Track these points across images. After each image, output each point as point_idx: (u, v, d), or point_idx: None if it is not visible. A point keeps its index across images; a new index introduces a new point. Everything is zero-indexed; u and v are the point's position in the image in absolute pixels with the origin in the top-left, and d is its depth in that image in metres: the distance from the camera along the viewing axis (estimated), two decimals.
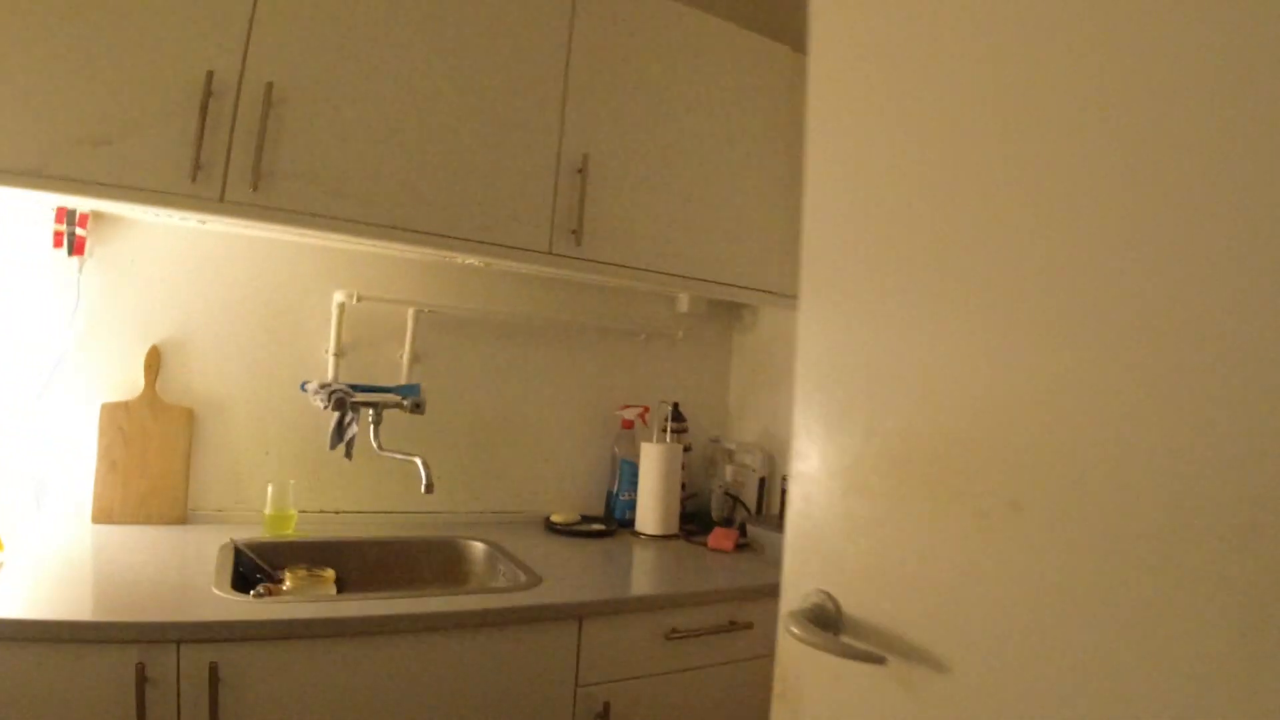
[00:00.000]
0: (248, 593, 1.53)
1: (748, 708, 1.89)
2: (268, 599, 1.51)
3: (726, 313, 2.65)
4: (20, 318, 1.89)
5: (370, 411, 1.95)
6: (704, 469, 2.52)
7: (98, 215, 1.92)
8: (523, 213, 1.93)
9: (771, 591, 1.94)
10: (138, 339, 1.96)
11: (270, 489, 1.93)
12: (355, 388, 1.96)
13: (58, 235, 1.88)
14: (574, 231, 1.96)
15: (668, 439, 2.26)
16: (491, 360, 2.27)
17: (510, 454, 2.30)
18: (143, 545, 1.76)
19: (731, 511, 2.33)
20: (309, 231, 1.77)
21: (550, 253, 1.95)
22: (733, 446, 2.45)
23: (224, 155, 1.69)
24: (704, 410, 2.51)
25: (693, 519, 2.33)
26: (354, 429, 1.95)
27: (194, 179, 1.65)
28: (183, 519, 1.95)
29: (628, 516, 2.29)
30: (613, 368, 2.45)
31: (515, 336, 2.29)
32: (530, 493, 2.33)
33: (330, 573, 1.66)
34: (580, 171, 1.97)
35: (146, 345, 1.96)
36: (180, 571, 1.60)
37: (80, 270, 1.91)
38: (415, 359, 2.14)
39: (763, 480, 2.33)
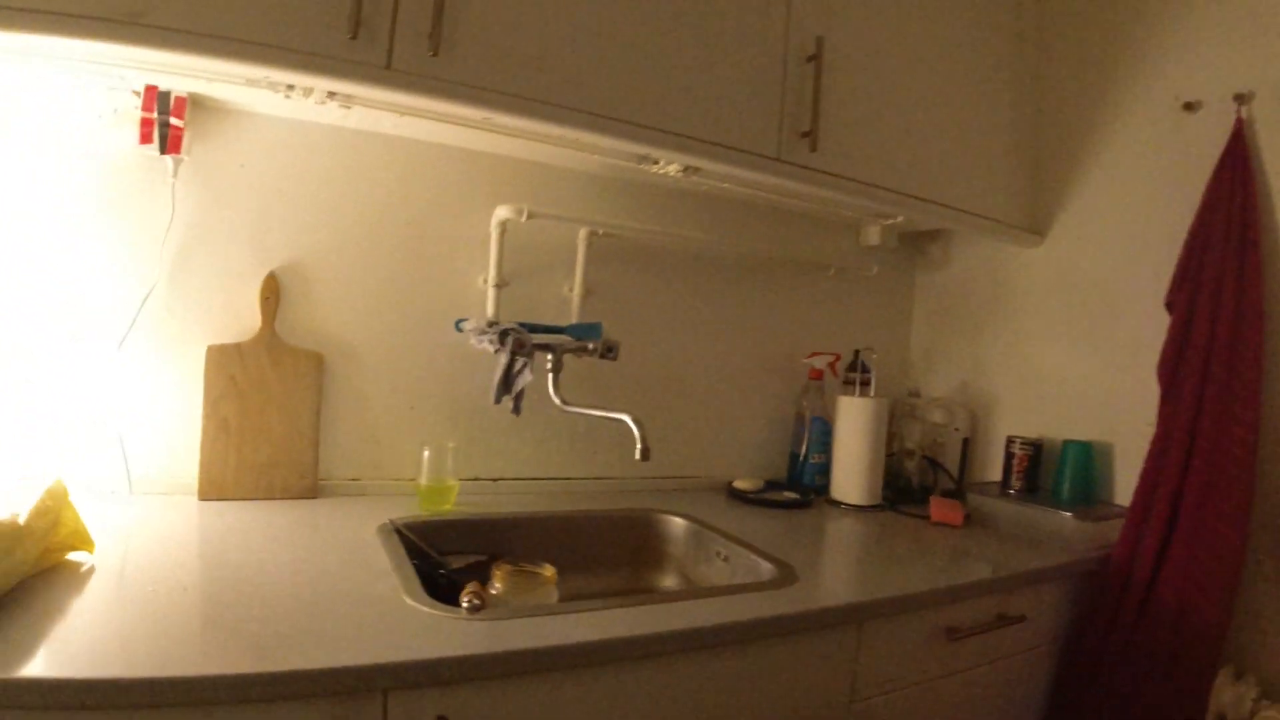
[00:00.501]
0: (447, 601, 1.01)
1: (1023, 707, 1.45)
2: (486, 613, 0.99)
3: (909, 246, 2.13)
4: (95, 236, 1.32)
5: (549, 357, 1.41)
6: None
7: (198, 102, 1.34)
8: (746, 107, 1.40)
9: (1044, 578, 1.49)
10: (250, 264, 1.40)
11: (426, 454, 1.41)
12: (525, 327, 1.42)
13: (145, 126, 1.30)
14: (806, 134, 1.43)
15: (871, 392, 1.75)
16: (662, 296, 1.74)
17: (684, 408, 1.78)
18: (274, 530, 1.23)
19: (932, 479, 1.84)
20: (497, 115, 1.22)
21: (779, 159, 1.42)
22: (920, 401, 1.95)
23: (390, 7, 1.13)
24: (880, 359, 1.98)
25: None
26: (526, 378, 1.42)
27: (354, 36, 1.09)
28: (313, 491, 1.41)
29: (817, 482, 1.79)
30: (790, 309, 1.92)
31: (686, 270, 1.77)
32: (707, 454, 1.82)
33: (550, 570, 1.14)
34: (813, 59, 1.43)
35: (262, 273, 1.40)
36: (345, 570, 1.09)
37: (174, 174, 1.33)
38: (587, 293, 1.59)
39: (965, 441, 1.84)
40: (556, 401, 1.42)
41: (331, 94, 1.23)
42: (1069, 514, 1.54)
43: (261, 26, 1.07)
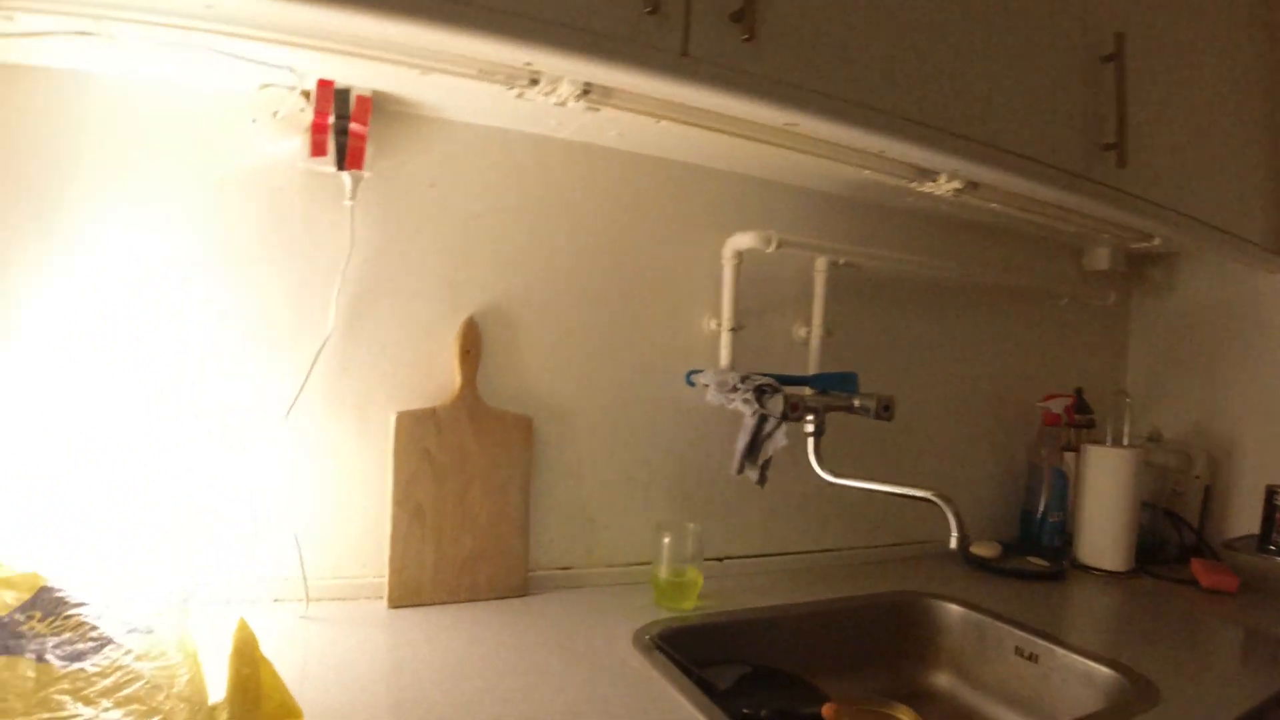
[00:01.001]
0: None
1: None
2: None
3: (1127, 270, 1.77)
4: (250, 277, 0.99)
5: (810, 418, 1.10)
6: None
7: (383, 104, 1.00)
8: (1046, 113, 1.10)
9: None
10: (445, 308, 1.08)
11: (666, 541, 1.08)
12: (780, 380, 1.11)
13: (318, 134, 0.97)
14: (1111, 147, 1.13)
15: (1124, 439, 1.46)
16: (889, 332, 1.43)
17: (913, 461, 1.47)
18: (504, 653, 0.93)
19: (1174, 534, 1.55)
20: (807, 119, 0.91)
21: (1085, 177, 1.12)
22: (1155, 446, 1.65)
23: None
24: (1098, 397, 1.65)
25: None
26: (779, 443, 1.11)
27: (655, 10, 0.78)
28: (523, 587, 1.09)
29: (1056, 543, 1.49)
30: (1012, 343, 1.60)
31: (914, 301, 1.45)
32: (937, 514, 1.48)
33: (907, 713, 0.82)
34: (1111, 59, 1.13)
35: (458, 318, 1.08)
36: None
37: (353, 195, 1.00)
38: (827, 334, 1.27)
39: (1207, 490, 1.55)
40: (822, 474, 1.11)
41: (586, 91, 0.90)
42: None
43: None
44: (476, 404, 1.07)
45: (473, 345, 1.07)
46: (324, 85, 0.96)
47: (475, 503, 1.06)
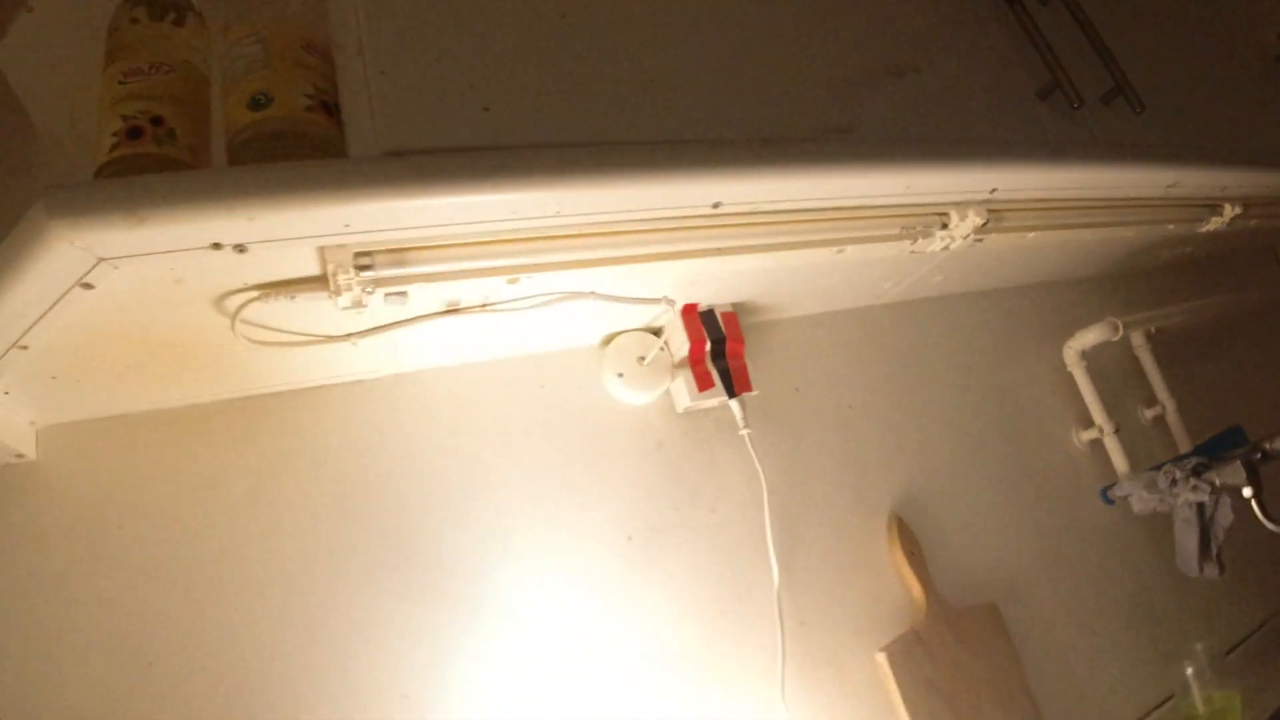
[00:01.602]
0: None
1: None
2: None
3: None
4: (677, 554, 0.85)
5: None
6: None
7: (748, 321, 0.92)
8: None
9: None
10: (872, 512, 0.93)
11: (1189, 672, 0.90)
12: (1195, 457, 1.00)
13: (698, 366, 0.87)
14: None
15: None
16: (1198, 383, 1.30)
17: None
18: None
19: None
20: (1189, 174, 0.88)
21: None
22: None
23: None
24: None
25: None
26: (1227, 518, 0.98)
27: (1081, 104, 0.77)
28: None
29: None
30: None
31: (1186, 349, 1.34)
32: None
33: None
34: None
35: (881, 522, 0.92)
36: None
37: (745, 423, 0.86)
38: (1179, 404, 1.16)
39: None
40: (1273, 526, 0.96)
41: (985, 223, 0.84)
42: None
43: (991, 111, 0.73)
44: (946, 608, 0.89)
45: (914, 546, 0.91)
46: (690, 311, 0.86)
47: (988, 715, 0.85)
